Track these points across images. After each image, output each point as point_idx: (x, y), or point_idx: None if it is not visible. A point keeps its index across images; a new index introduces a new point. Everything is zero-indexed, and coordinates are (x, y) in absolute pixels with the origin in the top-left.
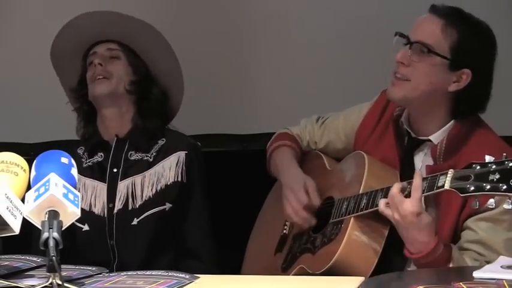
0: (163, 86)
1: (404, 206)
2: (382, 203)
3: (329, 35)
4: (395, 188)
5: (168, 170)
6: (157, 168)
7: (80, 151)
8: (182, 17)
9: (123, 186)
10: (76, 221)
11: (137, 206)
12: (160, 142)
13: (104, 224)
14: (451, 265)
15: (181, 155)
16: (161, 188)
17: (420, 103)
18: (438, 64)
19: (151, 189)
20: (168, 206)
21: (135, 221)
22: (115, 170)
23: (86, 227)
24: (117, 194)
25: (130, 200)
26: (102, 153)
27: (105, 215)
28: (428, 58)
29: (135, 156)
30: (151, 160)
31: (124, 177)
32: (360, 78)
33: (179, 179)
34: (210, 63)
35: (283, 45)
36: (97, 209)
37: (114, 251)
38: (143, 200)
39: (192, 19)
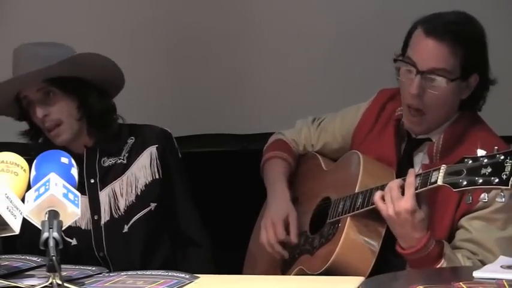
0: (97, 84)
1: (399, 202)
2: (377, 195)
3: (329, 35)
4: (395, 183)
5: (144, 169)
6: (132, 169)
7: None
8: (182, 17)
9: (104, 195)
10: (65, 235)
11: (123, 213)
12: (130, 141)
13: (90, 237)
14: (442, 261)
15: (152, 150)
16: (141, 190)
17: (438, 120)
18: (453, 85)
19: (132, 193)
20: (153, 205)
21: (125, 228)
22: (92, 181)
23: (74, 241)
24: (101, 205)
25: (114, 208)
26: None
27: (90, 227)
28: (442, 82)
29: (108, 162)
30: (125, 162)
31: (103, 186)
32: (358, 79)
33: (157, 176)
34: (210, 63)
35: (283, 45)
36: (82, 223)
37: (106, 262)
38: (127, 205)
39: (192, 19)
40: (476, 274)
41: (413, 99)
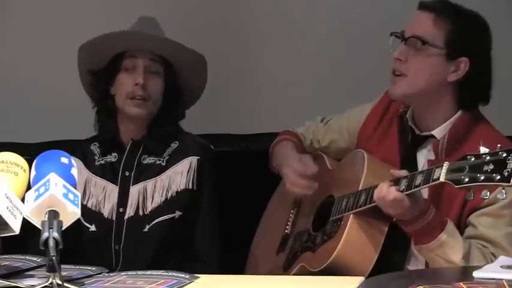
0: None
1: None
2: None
3: (331, 36)
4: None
5: (180, 175)
6: (169, 173)
7: (94, 147)
8: (184, 16)
9: (135, 191)
10: (84, 220)
11: (148, 212)
12: (173, 145)
13: (111, 227)
14: (443, 234)
15: (193, 160)
16: (172, 195)
17: (422, 98)
18: (434, 55)
19: (162, 196)
20: (177, 214)
21: (146, 228)
22: (127, 173)
23: (93, 228)
24: (129, 199)
25: (141, 205)
26: (116, 154)
27: (113, 218)
28: (424, 51)
29: (148, 160)
30: (163, 164)
31: (136, 181)
32: (362, 79)
33: (190, 187)
34: (211, 63)
35: (284, 45)
36: (106, 211)
37: (118, 256)
38: (153, 206)
39: (193, 19)
40: (476, 274)
41: (395, 64)
